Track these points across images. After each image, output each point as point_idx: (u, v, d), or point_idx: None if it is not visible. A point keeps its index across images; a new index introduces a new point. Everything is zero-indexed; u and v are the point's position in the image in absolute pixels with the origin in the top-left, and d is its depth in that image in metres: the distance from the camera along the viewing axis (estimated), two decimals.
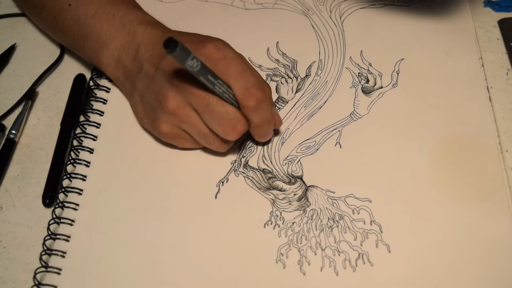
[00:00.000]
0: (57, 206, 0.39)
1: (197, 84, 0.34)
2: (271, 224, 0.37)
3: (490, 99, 0.42)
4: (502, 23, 0.47)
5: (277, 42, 0.47)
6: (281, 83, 0.44)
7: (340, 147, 0.41)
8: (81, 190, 0.39)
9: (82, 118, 0.43)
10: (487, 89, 0.43)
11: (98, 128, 0.43)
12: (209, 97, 0.35)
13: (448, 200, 0.38)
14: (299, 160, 0.40)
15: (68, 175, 0.40)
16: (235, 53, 0.36)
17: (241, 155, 0.40)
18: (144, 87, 0.38)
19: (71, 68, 0.48)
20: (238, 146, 0.41)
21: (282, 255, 0.36)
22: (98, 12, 0.42)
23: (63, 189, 0.40)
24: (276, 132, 0.41)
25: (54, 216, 0.38)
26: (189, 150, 0.41)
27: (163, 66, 0.36)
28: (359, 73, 0.45)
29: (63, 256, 0.37)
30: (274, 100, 0.43)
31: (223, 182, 0.39)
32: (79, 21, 0.42)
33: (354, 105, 0.43)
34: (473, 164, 0.39)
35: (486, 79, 0.43)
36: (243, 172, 0.40)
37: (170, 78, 0.36)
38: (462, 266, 0.35)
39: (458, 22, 0.47)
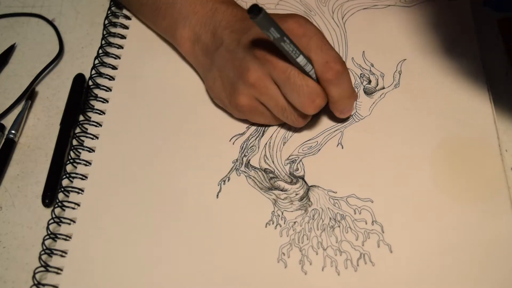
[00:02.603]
0: (56, 206, 0.40)
1: (279, 56, 0.36)
2: (273, 223, 0.39)
3: (490, 99, 0.44)
4: (502, 23, 0.48)
5: None
6: None
7: (342, 147, 0.42)
8: (82, 189, 0.41)
9: (81, 118, 0.45)
10: (488, 89, 0.44)
11: (99, 127, 0.44)
12: (290, 69, 0.36)
13: (450, 200, 0.39)
14: (300, 160, 0.42)
15: (67, 175, 0.41)
16: (316, 29, 0.38)
17: (242, 154, 0.42)
18: (224, 61, 0.40)
19: (70, 68, 0.49)
20: (239, 145, 0.42)
21: (284, 254, 0.37)
22: None
23: (62, 189, 0.41)
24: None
25: (54, 216, 0.39)
26: (193, 148, 0.42)
27: (244, 40, 0.38)
28: (361, 74, 0.46)
29: (63, 256, 0.38)
30: None
31: (224, 181, 0.41)
32: None
33: (356, 106, 0.44)
34: (474, 164, 0.41)
35: (486, 79, 0.45)
36: (245, 172, 0.41)
37: (252, 51, 0.37)
38: (464, 266, 0.36)
39: (459, 23, 0.48)
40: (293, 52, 0.35)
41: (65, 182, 0.41)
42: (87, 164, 0.42)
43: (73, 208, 0.40)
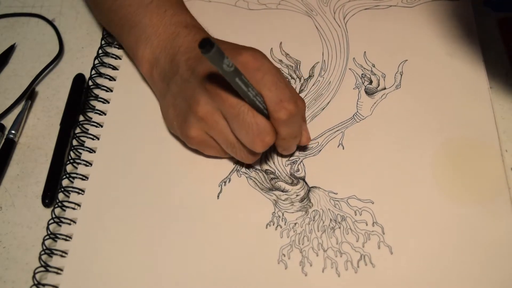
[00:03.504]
0: (56, 206, 0.40)
1: (230, 92, 0.35)
2: (273, 225, 0.39)
3: (490, 99, 0.44)
4: (502, 23, 0.49)
5: (281, 43, 0.49)
6: None
7: (343, 148, 0.42)
8: (82, 190, 0.41)
9: (82, 118, 0.45)
10: (488, 89, 0.44)
11: (100, 127, 0.44)
12: (240, 105, 0.35)
13: (450, 201, 0.39)
14: (301, 161, 0.42)
15: (67, 175, 0.42)
16: (271, 65, 0.37)
17: None
18: (177, 90, 0.39)
19: (70, 68, 0.49)
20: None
21: (284, 256, 0.38)
22: (153, 2, 0.43)
23: (62, 189, 0.41)
24: (302, 148, 0.42)
25: (54, 216, 0.40)
26: (193, 150, 0.42)
27: (198, 71, 0.37)
28: (362, 74, 0.46)
29: (63, 256, 0.38)
30: None
31: (225, 182, 0.41)
32: (131, 5, 0.43)
33: (357, 106, 0.44)
34: (475, 165, 0.41)
35: (487, 79, 0.45)
36: (246, 173, 0.41)
37: (204, 83, 0.36)
38: (464, 267, 0.37)
39: (460, 23, 0.48)
40: (242, 86, 0.34)
41: (65, 182, 0.42)
42: (88, 164, 0.42)
43: (74, 209, 0.40)
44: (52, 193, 0.41)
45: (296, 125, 0.38)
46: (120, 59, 0.48)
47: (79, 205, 0.41)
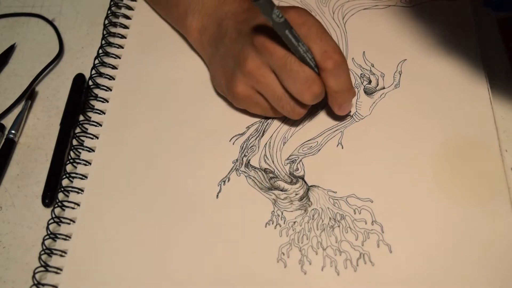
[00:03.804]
0: (56, 206, 0.40)
1: (278, 44, 0.37)
2: (273, 223, 0.39)
3: (490, 99, 0.44)
4: (502, 23, 0.49)
5: None
6: None
7: (342, 147, 0.43)
8: (81, 189, 0.41)
9: (81, 118, 0.45)
10: (488, 89, 0.45)
11: (99, 127, 0.45)
12: (288, 56, 0.37)
13: (450, 200, 0.39)
14: (300, 160, 0.42)
15: (67, 175, 0.42)
16: (315, 19, 0.38)
17: (242, 154, 0.42)
18: (226, 50, 0.41)
19: (70, 68, 0.49)
20: (239, 145, 0.43)
21: (283, 254, 0.38)
22: None
23: (62, 189, 0.41)
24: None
25: (54, 216, 0.40)
26: (193, 148, 0.43)
27: (245, 30, 0.39)
28: (361, 74, 0.46)
29: (62, 256, 0.38)
30: None
31: (224, 182, 0.41)
32: None
33: (356, 105, 0.45)
34: (474, 164, 0.41)
35: (486, 79, 0.45)
36: (245, 172, 0.42)
37: (251, 39, 0.38)
38: (463, 267, 0.37)
39: (460, 23, 0.48)
40: (292, 39, 0.36)
41: (65, 182, 0.42)
42: (87, 164, 0.43)
43: (73, 208, 0.41)
44: (52, 193, 0.41)
45: (344, 75, 0.39)
46: (120, 58, 0.49)
47: (78, 205, 0.41)
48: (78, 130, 0.45)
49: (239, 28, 0.40)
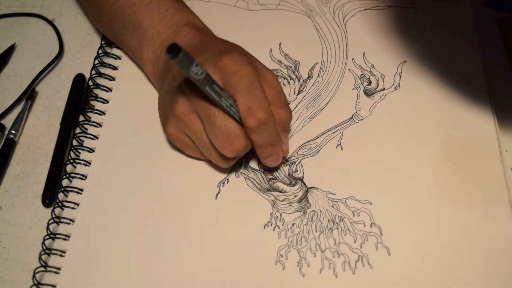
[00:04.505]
0: (56, 206, 0.41)
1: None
2: (271, 225, 0.39)
3: (490, 99, 0.44)
4: (502, 23, 0.49)
5: (280, 43, 0.49)
6: (283, 84, 0.46)
7: (342, 149, 0.43)
8: (81, 189, 0.42)
9: (82, 118, 0.45)
10: (488, 89, 0.45)
11: (99, 127, 0.45)
12: (212, 108, 0.35)
13: (449, 202, 0.40)
14: (300, 161, 0.42)
15: (67, 175, 0.42)
16: (250, 70, 0.36)
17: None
18: (166, 88, 0.40)
19: (70, 68, 0.50)
20: None
21: (282, 256, 0.38)
22: (153, 2, 0.43)
23: (62, 189, 0.42)
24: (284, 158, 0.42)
25: (54, 216, 0.40)
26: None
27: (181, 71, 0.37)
28: (361, 74, 0.47)
29: (62, 256, 0.39)
30: None
31: (223, 183, 0.41)
32: (133, 5, 0.44)
33: (356, 107, 0.45)
34: (474, 165, 0.41)
35: (486, 80, 0.45)
36: (244, 173, 0.42)
37: (184, 84, 0.37)
38: (463, 269, 0.37)
39: (460, 24, 0.48)
40: (214, 95, 0.34)
41: (65, 182, 0.42)
42: (87, 164, 0.43)
43: (73, 208, 0.41)
44: (52, 193, 0.42)
45: (268, 133, 0.37)
46: (120, 59, 0.49)
47: (78, 205, 0.41)
48: (78, 130, 0.45)
49: None
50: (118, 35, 0.46)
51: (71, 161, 0.43)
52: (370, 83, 0.46)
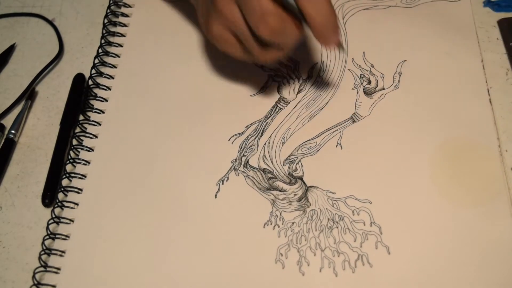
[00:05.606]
0: (56, 206, 0.41)
1: None
2: (271, 224, 0.39)
3: (490, 100, 0.44)
4: (501, 23, 0.49)
5: None
6: (283, 84, 0.46)
7: (341, 148, 0.43)
8: (81, 189, 0.42)
9: (81, 118, 0.45)
10: (488, 89, 0.45)
11: (98, 126, 0.45)
12: None
13: (449, 202, 0.40)
14: (299, 160, 0.42)
15: (67, 175, 0.42)
16: None
17: (241, 154, 0.43)
18: None
19: (70, 68, 0.50)
20: (238, 144, 0.43)
21: (282, 255, 0.38)
22: None
23: (62, 189, 0.42)
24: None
25: (54, 216, 0.40)
26: (192, 147, 0.43)
27: None
28: (361, 74, 0.47)
29: (61, 255, 0.39)
30: (275, 101, 0.46)
31: (223, 181, 0.41)
32: None
33: (355, 106, 0.45)
34: (474, 165, 0.41)
35: (486, 80, 0.45)
36: (244, 172, 0.42)
37: None
38: (462, 268, 0.37)
39: (460, 23, 0.49)
40: None
41: (65, 182, 0.42)
42: (86, 163, 0.43)
43: (72, 208, 0.41)
44: (52, 193, 0.42)
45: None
46: (119, 57, 0.49)
47: (77, 204, 0.41)
48: (78, 130, 0.45)
49: None
50: None
51: (71, 161, 0.43)
52: (369, 82, 0.46)
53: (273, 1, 0.35)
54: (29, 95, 0.48)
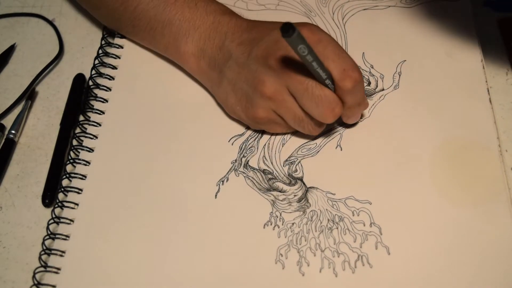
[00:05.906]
0: (56, 206, 0.41)
1: (295, 68, 0.37)
2: (271, 224, 0.39)
3: (490, 100, 0.44)
4: (502, 23, 0.49)
5: None
6: None
7: (341, 149, 0.43)
8: (81, 189, 0.42)
9: (81, 118, 0.46)
10: (488, 90, 0.45)
11: (98, 127, 0.45)
12: (308, 81, 0.37)
13: (449, 202, 0.40)
14: (299, 161, 0.42)
15: (67, 175, 0.42)
16: (329, 36, 0.38)
17: (241, 155, 0.43)
18: (235, 75, 0.40)
19: (70, 68, 0.50)
20: (238, 145, 0.43)
21: (282, 255, 0.38)
22: (179, 0, 0.44)
23: (62, 189, 0.42)
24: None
25: (54, 216, 0.40)
26: (192, 148, 0.43)
27: (256, 52, 0.38)
28: None
29: (62, 256, 0.39)
30: None
31: (223, 181, 0.41)
32: (157, 6, 0.44)
33: None
34: (474, 165, 0.41)
35: (486, 80, 0.45)
36: (244, 172, 0.42)
37: (265, 63, 0.38)
38: (462, 268, 0.37)
39: (460, 23, 0.49)
40: (314, 63, 0.35)
41: (65, 182, 0.42)
42: (86, 164, 0.43)
43: (72, 208, 0.41)
44: (52, 193, 0.42)
45: (360, 92, 0.39)
46: (120, 58, 0.49)
47: (77, 205, 0.41)
48: (78, 130, 0.45)
49: (246, 50, 0.39)
50: (145, 38, 0.46)
51: (71, 161, 0.43)
52: (369, 83, 0.46)
53: (331, 89, 0.38)
54: (29, 95, 0.48)
